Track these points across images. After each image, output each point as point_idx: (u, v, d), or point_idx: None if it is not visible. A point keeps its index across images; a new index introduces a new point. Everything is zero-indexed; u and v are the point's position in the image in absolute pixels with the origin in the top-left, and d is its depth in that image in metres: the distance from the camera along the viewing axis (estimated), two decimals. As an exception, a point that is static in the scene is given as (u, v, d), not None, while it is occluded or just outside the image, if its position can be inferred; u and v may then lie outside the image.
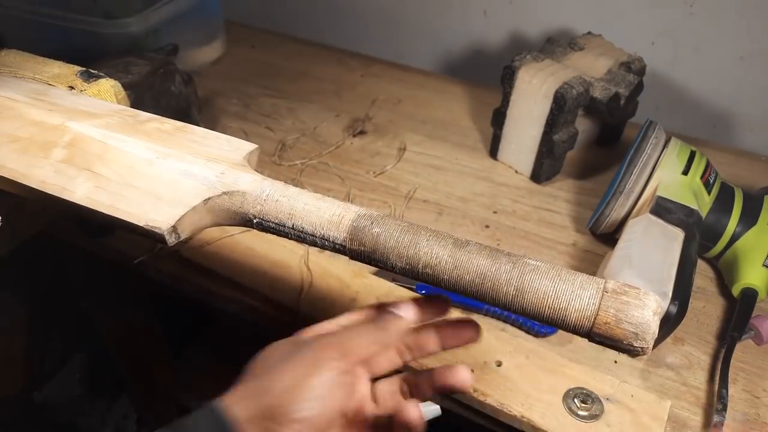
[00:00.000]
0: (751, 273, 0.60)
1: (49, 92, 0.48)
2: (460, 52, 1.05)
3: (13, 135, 0.42)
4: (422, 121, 0.90)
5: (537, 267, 0.33)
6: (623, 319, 0.30)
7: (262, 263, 0.64)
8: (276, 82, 0.99)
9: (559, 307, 0.31)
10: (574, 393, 0.51)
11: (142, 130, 0.43)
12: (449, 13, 1.02)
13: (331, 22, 1.15)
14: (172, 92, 0.68)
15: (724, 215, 0.63)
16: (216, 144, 0.42)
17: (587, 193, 0.77)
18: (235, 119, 0.90)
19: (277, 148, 0.84)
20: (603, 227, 0.66)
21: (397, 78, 1.00)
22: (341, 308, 0.60)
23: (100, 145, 0.41)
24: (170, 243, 0.36)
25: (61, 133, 0.42)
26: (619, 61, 0.78)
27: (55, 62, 0.53)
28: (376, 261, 0.36)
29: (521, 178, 0.80)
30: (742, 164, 0.82)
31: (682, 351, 0.58)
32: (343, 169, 0.81)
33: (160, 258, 0.67)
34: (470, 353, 0.56)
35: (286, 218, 0.37)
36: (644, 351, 0.30)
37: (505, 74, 0.75)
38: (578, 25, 0.93)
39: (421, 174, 0.80)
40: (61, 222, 0.72)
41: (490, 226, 0.72)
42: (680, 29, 0.86)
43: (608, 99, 0.72)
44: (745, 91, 0.87)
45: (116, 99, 0.53)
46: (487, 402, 0.52)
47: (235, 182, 0.38)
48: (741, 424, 0.51)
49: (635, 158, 0.63)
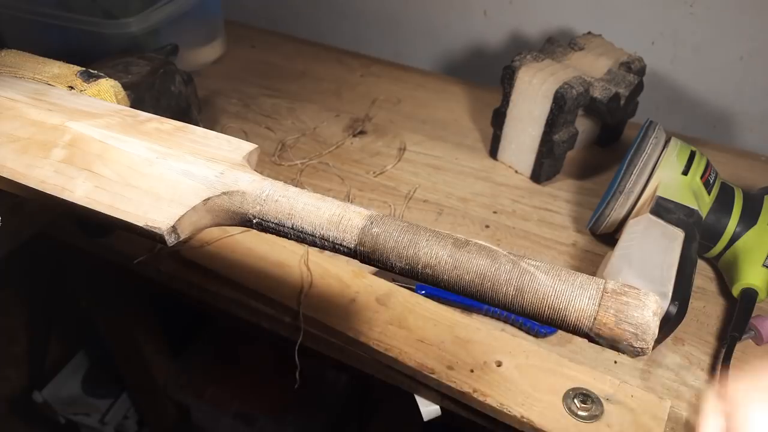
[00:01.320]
0: (751, 273, 0.60)
1: (48, 92, 0.48)
2: (460, 51, 1.05)
3: (13, 135, 0.42)
4: (422, 121, 0.90)
5: (537, 267, 0.33)
6: (623, 319, 0.30)
7: (262, 263, 0.64)
8: (276, 82, 0.99)
9: (559, 307, 0.31)
10: (574, 393, 0.51)
11: (142, 130, 0.43)
12: (449, 13, 1.02)
13: (331, 22, 1.15)
14: (172, 92, 0.68)
15: (724, 215, 0.63)
16: (216, 144, 0.42)
17: (587, 193, 0.77)
18: (235, 119, 0.90)
19: (277, 148, 0.84)
20: (603, 227, 0.66)
21: (397, 78, 1.00)
22: (341, 308, 0.60)
23: (99, 145, 0.41)
24: (170, 243, 0.36)
25: (60, 133, 0.42)
26: (619, 61, 0.78)
27: (55, 62, 0.53)
28: (375, 261, 0.36)
29: (521, 178, 0.80)
30: (742, 164, 0.82)
31: (682, 351, 0.58)
32: (343, 169, 0.81)
33: (160, 258, 0.67)
34: (470, 353, 0.56)
35: (285, 218, 0.37)
36: (644, 351, 0.30)
37: (505, 74, 0.75)
38: (578, 25, 0.93)
39: (421, 174, 0.80)
40: (61, 222, 0.73)
41: (490, 226, 0.72)
42: (680, 29, 0.86)
43: (608, 99, 0.72)
44: (745, 91, 0.87)
45: (116, 99, 0.53)
46: (486, 402, 0.52)
47: (234, 182, 0.38)
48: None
49: (635, 158, 0.63)
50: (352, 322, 0.59)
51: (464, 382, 0.54)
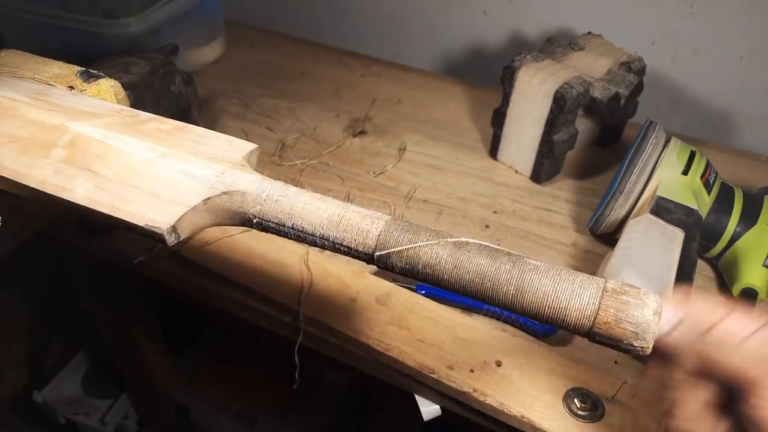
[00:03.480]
0: (751, 273, 0.60)
1: (49, 92, 0.48)
2: (460, 51, 1.05)
3: (13, 135, 0.42)
4: (422, 121, 0.90)
5: (537, 266, 0.33)
6: (623, 318, 0.30)
7: (262, 263, 0.64)
8: (276, 82, 0.99)
9: (559, 307, 0.31)
10: (574, 393, 0.51)
11: (142, 130, 0.43)
12: (449, 13, 1.02)
13: (331, 22, 1.15)
14: (172, 92, 0.68)
15: (724, 215, 0.63)
16: (216, 144, 0.42)
17: (587, 193, 0.77)
18: (235, 119, 0.90)
19: (277, 148, 0.84)
20: (603, 227, 0.66)
21: (397, 78, 1.00)
22: (341, 308, 0.60)
23: (100, 145, 0.41)
24: (170, 243, 0.36)
25: (61, 133, 0.42)
26: (619, 61, 0.78)
27: (55, 62, 0.53)
28: (375, 261, 0.36)
29: (521, 178, 0.80)
30: (742, 164, 0.82)
31: (682, 351, 0.58)
32: (343, 169, 0.81)
33: (160, 258, 0.67)
34: (470, 353, 0.56)
35: (285, 218, 0.37)
36: (644, 351, 0.30)
37: (505, 74, 0.75)
38: (578, 25, 0.93)
39: (421, 174, 0.80)
40: (61, 222, 0.72)
41: (490, 226, 0.72)
42: (680, 29, 0.86)
43: (608, 99, 0.72)
44: (745, 91, 0.87)
45: (116, 99, 0.53)
46: (487, 402, 0.52)
47: (234, 182, 0.38)
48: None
49: (635, 158, 0.63)
50: (352, 322, 0.59)
51: (464, 382, 0.54)
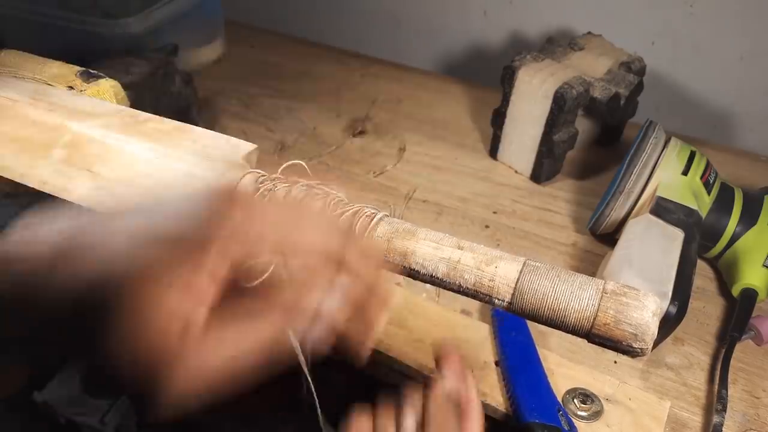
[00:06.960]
0: (751, 273, 0.60)
1: (48, 92, 0.48)
2: (460, 52, 1.05)
3: (13, 135, 0.42)
4: (422, 121, 0.90)
5: (536, 267, 0.33)
6: (622, 320, 0.30)
7: (261, 263, 0.64)
8: (276, 82, 0.99)
9: (559, 308, 0.31)
10: (574, 393, 0.51)
11: (142, 130, 0.43)
12: (449, 13, 1.02)
13: (331, 22, 1.14)
14: (172, 92, 0.68)
15: (724, 215, 0.63)
16: (215, 144, 0.42)
17: (587, 193, 0.77)
18: (235, 119, 0.90)
19: (277, 148, 0.84)
20: (603, 227, 0.66)
21: (397, 78, 1.00)
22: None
23: (99, 145, 0.41)
24: (170, 243, 0.36)
25: (60, 133, 0.42)
26: (619, 61, 0.77)
27: (54, 62, 0.53)
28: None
29: (521, 178, 0.80)
30: (742, 164, 0.82)
31: (682, 351, 0.58)
32: (343, 169, 0.81)
33: (159, 258, 0.67)
34: (470, 353, 0.56)
35: (285, 218, 0.37)
36: (643, 352, 0.30)
37: (505, 74, 0.75)
38: (578, 25, 0.93)
39: (421, 174, 0.80)
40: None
41: (490, 226, 0.72)
42: (680, 29, 0.86)
43: (608, 99, 0.72)
44: (745, 91, 0.87)
45: (116, 99, 0.53)
46: (486, 402, 0.52)
47: (234, 182, 0.38)
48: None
49: (635, 158, 0.63)
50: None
51: (464, 382, 0.54)
